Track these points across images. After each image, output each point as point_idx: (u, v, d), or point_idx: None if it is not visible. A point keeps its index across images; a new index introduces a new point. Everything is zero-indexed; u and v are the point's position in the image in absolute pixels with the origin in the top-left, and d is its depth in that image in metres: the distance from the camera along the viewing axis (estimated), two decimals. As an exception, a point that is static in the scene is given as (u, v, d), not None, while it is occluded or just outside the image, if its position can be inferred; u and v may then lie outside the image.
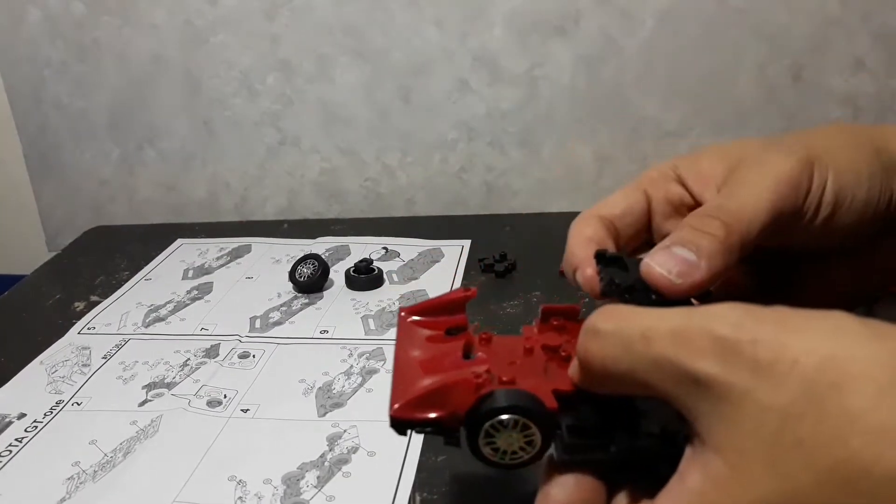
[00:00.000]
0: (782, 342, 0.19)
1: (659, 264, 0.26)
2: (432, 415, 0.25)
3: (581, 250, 0.30)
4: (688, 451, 0.21)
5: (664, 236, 0.31)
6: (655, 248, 0.28)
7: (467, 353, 0.28)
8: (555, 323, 0.29)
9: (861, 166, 0.28)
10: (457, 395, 0.24)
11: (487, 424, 0.24)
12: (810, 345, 0.19)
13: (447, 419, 0.25)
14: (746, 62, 0.72)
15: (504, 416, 0.24)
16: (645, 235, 0.33)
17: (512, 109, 0.76)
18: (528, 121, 0.76)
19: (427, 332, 0.29)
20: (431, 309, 0.30)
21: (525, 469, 0.25)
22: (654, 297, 0.26)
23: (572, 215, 0.32)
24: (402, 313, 0.30)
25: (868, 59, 0.71)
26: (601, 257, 0.28)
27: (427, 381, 0.25)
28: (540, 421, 0.24)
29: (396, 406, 0.25)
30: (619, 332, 0.22)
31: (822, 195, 0.28)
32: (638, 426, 0.24)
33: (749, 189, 0.28)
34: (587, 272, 0.29)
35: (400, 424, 0.25)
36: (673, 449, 0.22)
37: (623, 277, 0.27)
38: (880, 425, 0.17)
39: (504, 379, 0.25)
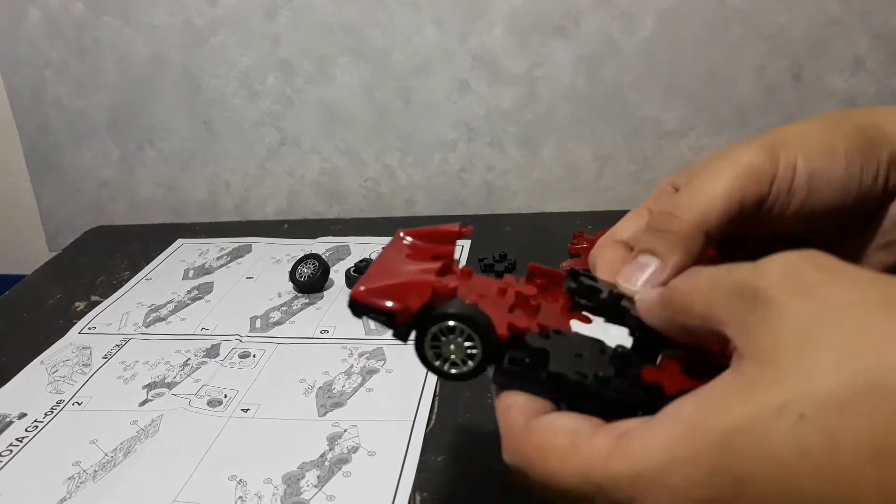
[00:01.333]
0: (842, 271, 0.21)
1: (626, 279, 0.28)
2: (388, 304, 0.26)
3: (610, 273, 0.31)
4: (726, 372, 0.22)
5: None
6: (627, 263, 0.29)
7: (444, 274, 0.29)
8: (538, 282, 0.30)
9: (836, 143, 0.28)
10: (416, 293, 0.26)
11: (436, 328, 0.26)
12: (864, 277, 0.20)
13: (401, 312, 0.26)
14: (746, 62, 0.72)
15: (452, 323, 0.25)
16: None
17: (512, 109, 0.76)
18: (528, 121, 0.76)
19: (415, 250, 0.31)
20: (427, 235, 0.32)
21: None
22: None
23: (572, 215, 0.32)
24: (400, 233, 0.32)
25: (868, 58, 0.71)
26: (575, 277, 0.30)
27: (395, 279, 0.27)
28: (485, 337, 0.25)
29: (361, 289, 0.27)
30: (712, 271, 0.24)
31: (793, 178, 0.28)
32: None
33: (705, 180, 0.28)
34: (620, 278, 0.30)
35: (357, 307, 0.27)
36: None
37: (586, 294, 0.29)
38: None
39: (466, 301, 0.26)
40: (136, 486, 0.41)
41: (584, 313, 0.29)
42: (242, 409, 0.47)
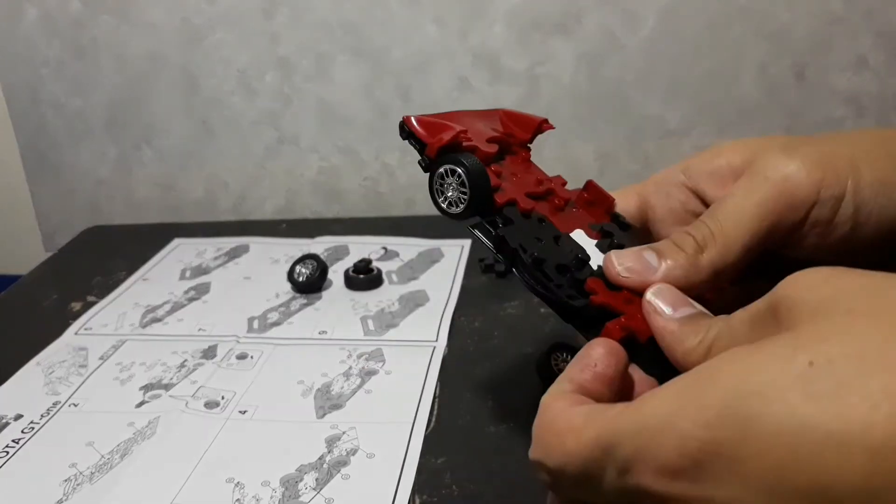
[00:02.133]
0: (847, 271, 0.21)
1: (617, 258, 0.28)
2: (421, 132, 0.33)
3: None
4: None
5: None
6: (631, 248, 0.29)
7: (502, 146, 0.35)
8: (585, 195, 0.33)
9: (890, 175, 0.26)
10: (446, 136, 0.31)
11: (442, 168, 0.31)
12: (871, 275, 0.21)
13: (428, 143, 0.32)
14: (749, 61, 0.72)
15: (451, 166, 0.31)
16: (643, 238, 0.33)
17: (513, 108, 0.76)
18: (529, 120, 0.76)
19: (494, 121, 0.38)
20: (516, 118, 0.38)
21: (526, 477, 0.26)
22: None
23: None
24: (500, 110, 0.39)
25: (871, 57, 0.71)
26: (616, 218, 0.33)
27: (444, 121, 0.33)
28: (474, 188, 0.30)
29: (414, 116, 0.33)
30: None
31: (838, 209, 0.26)
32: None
33: (736, 204, 0.27)
34: None
35: (403, 128, 0.34)
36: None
37: (613, 229, 0.32)
38: None
39: (493, 168, 0.32)
40: (132, 488, 0.41)
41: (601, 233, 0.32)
42: (240, 411, 0.47)
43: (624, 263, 0.28)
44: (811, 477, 0.18)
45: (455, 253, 0.67)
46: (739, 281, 0.29)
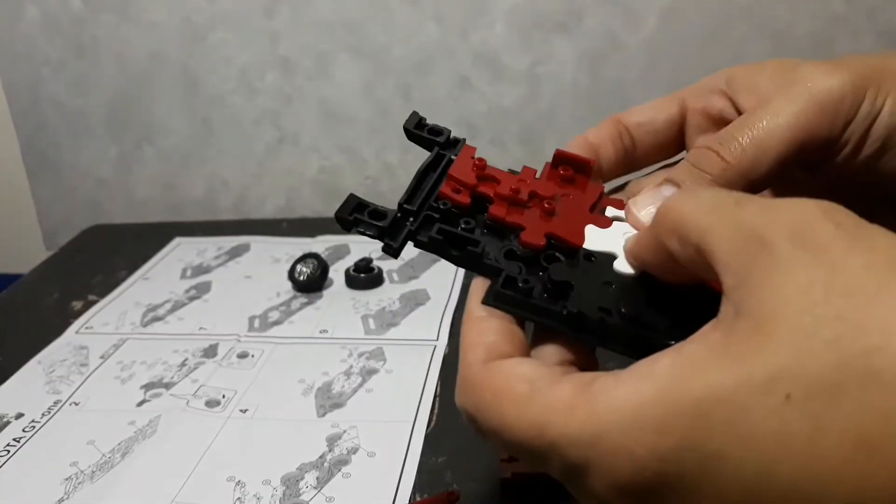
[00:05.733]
0: (862, 233, 0.18)
1: (635, 205, 0.26)
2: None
3: (577, 141, 0.30)
4: (710, 324, 0.19)
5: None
6: (646, 188, 0.26)
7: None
8: (562, 172, 0.29)
9: None
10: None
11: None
12: (886, 241, 0.18)
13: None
14: (750, 60, 0.71)
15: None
16: (674, 149, 0.31)
17: (513, 107, 0.76)
18: (530, 119, 0.76)
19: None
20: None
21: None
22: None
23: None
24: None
25: (872, 56, 0.71)
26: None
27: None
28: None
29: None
30: (713, 195, 0.21)
31: (871, 126, 0.24)
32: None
33: (770, 117, 0.25)
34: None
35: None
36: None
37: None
38: None
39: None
40: (133, 486, 0.41)
41: (608, 212, 0.27)
42: (241, 410, 0.47)
43: (644, 207, 0.25)
44: None
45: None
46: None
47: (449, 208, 0.27)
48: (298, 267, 0.61)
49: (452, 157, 0.29)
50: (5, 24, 0.78)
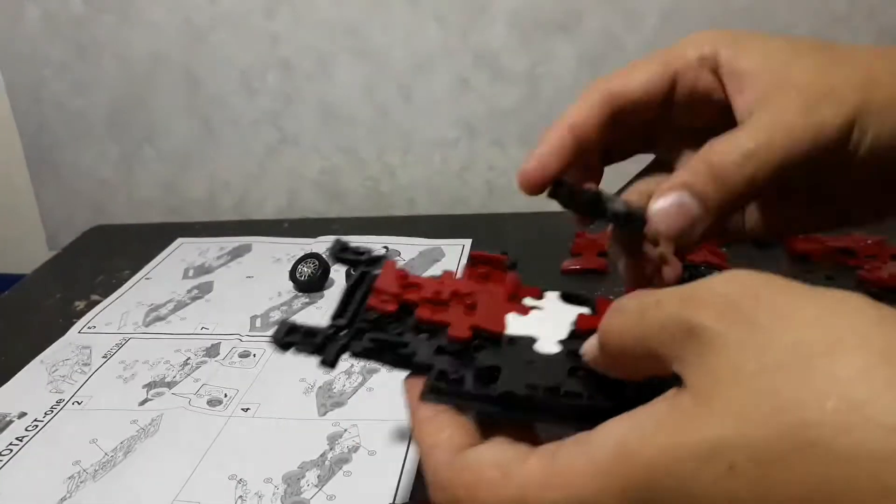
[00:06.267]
0: (786, 303, 0.19)
1: (655, 215, 0.27)
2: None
3: (557, 132, 0.30)
4: (659, 397, 0.21)
5: (678, 129, 0.30)
6: (660, 190, 0.27)
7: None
8: (480, 270, 0.32)
9: None
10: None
11: None
12: (813, 312, 0.18)
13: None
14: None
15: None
16: (656, 125, 0.31)
17: (513, 108, 0.76)
18: (530, 119, 0.76)
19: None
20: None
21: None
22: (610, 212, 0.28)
23: (573, 215, 0.31)
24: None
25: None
26: (557, 185, 0.30)
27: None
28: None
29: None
30: (638, 304, 0.22)
31: (850, 133, 0.26)
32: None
33: (759, 142, 0.26)
34: (539, 161, 0.30)
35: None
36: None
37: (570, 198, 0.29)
38: (860, 400, 0.17)
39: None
40: (136, 485, 0.41)
41: (525, 301, 0.30)
42: (242, 409, 0.47)
43: (663, 205, 0.26)
44: None
45: (456, 252, 0.67)
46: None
47: (378, 317, 0.29)
48: (299, 267, 0.62)
49: (376, 272, 0.32)
50: (6, 25, 0.78)
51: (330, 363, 0.28)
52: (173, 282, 0.65)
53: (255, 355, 0.53)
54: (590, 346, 0.24)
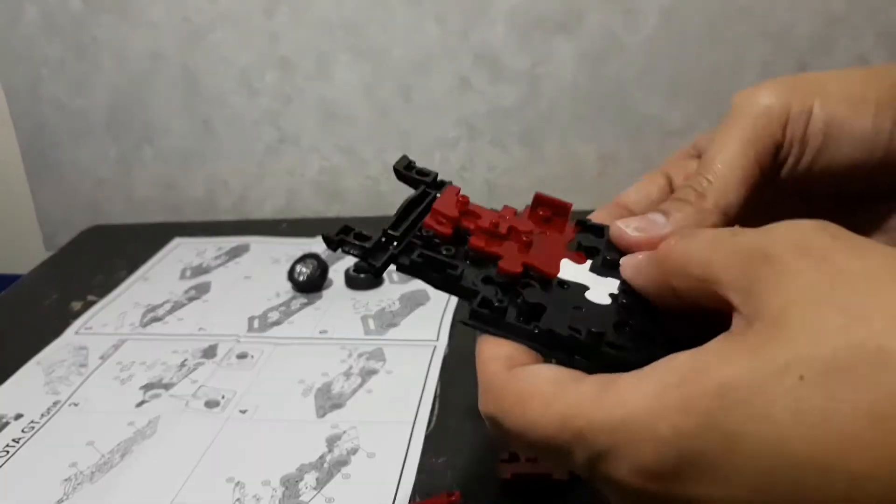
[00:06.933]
0: (855, 245, 0.20)
1: (624, 223, 0.28)
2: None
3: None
4: (722, 335, 0.21)
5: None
6: (637, 217, 0.28)
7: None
8: (541, 213, 0.31)
9: (867, 93, 0.27)
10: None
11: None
12: (881, 251, 0.20)
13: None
14: (750, 60, 0.72)
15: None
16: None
17: (513, 107, 0.76)
18: (530, 119, 0.76)
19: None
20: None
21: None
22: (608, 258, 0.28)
23: (574, 214, 0.31)
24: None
25: (873, 57, 0.71)
26: (582, 224, 0.30)
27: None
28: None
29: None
30: (712, 232, 0.23)
31: (808, 124, 0.27)
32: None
33: (722, 143, 0.28)
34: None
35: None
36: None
37: (591, 241, 0.29)
38: None
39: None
40: (133, 487, 0.41)
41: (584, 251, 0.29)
42: (240, 411, 0.47)
43: (631, 224, 0.28)
44: (791, 498, 0.18)
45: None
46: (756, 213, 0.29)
47: (431, 237, 0.28)
48: (298, 267, 0.61)
49: (437, 194, 0.31)
50: (5, 24, 0.78)
51: (377, 271, 0.27)
52: (170, 282, 0.65)
53: (252, 357, 0.53)
54: (633, 260, 0.25)
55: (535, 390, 0.22)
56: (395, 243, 0.28)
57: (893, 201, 0.29)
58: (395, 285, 0.62)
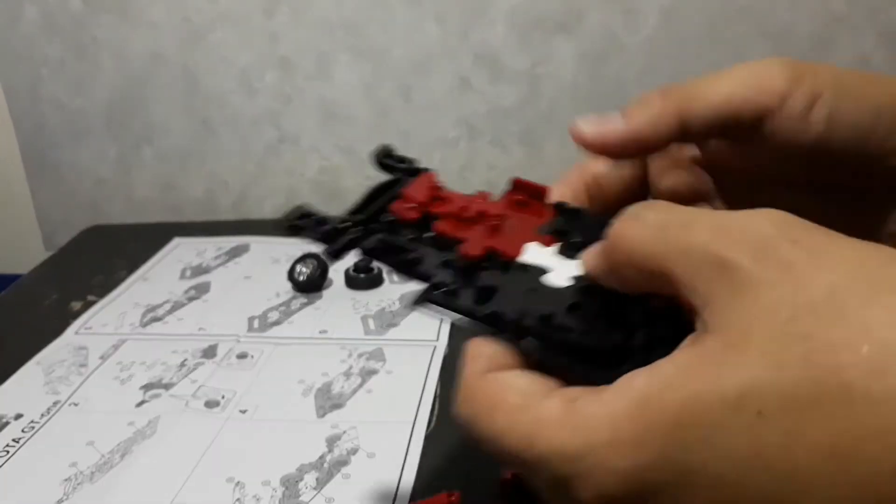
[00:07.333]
0: (822, 248, 0.19)
1: (582, 121, 0.28)
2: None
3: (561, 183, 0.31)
4: (686, 339, 0.20)
5: (662, 192, 0.31)
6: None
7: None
8: (517, 197, 0.31)
9: (878, 96, 0.26)
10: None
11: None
12: (849, 257, 0.18)
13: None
14: (750, 60, 0.72)
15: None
16: (638, 191, 0.32)
17: (514, 107, 0.76)
18: (530, 119, 0.76)
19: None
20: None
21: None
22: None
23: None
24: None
25: (873, 57, 0.71)
26: (559, 207, 0.30)
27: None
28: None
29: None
30: (659, 218, 0.21)
31: (813, 108, 0.26)
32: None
33: (714, 78, 0.27)
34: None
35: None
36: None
37: (565, 225, 0.29)
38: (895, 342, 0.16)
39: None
40: (133, 487, 0.41)
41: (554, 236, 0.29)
42: (240, 411, 0.47)
43: (589, 123, 0.28)
44: None
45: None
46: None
47: (394, 221, 0.29)
48: (298, 267, 0.61)
49: (411, 180, 0.31)
50: (5, 24, 0.78)
51: (334, 253, 0.28)
52: (170, 282, 0.65)
53: (252, 357, 0.53)
54: (591, 253, 0.24)
55: (503, 401, 0.22)
56: (356, 228, 0.28)
57: (891, 204, 0.29)
58: (395, 285, 0.62)
